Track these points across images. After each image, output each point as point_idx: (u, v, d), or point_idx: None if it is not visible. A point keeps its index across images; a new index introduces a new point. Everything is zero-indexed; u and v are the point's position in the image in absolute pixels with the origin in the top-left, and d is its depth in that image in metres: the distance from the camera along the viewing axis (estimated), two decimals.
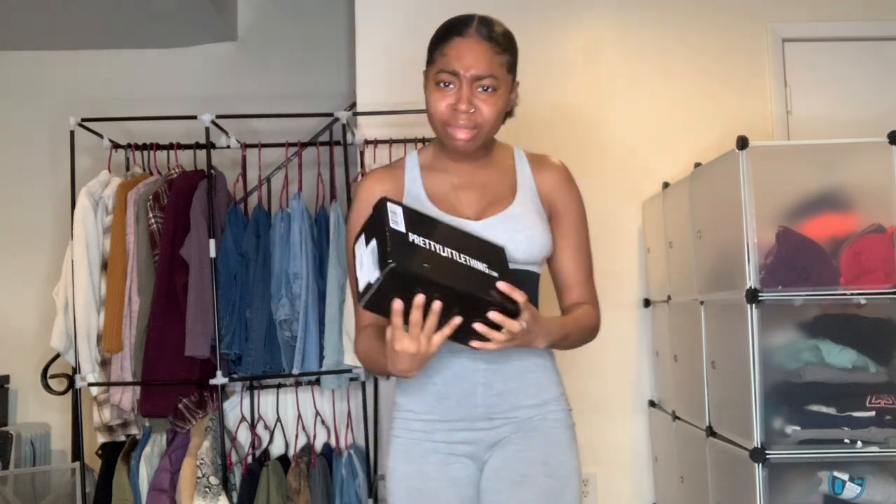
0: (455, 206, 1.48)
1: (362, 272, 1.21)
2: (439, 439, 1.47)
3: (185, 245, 2.88)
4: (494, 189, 1.52)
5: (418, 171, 1.53)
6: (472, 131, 1.43)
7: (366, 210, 1.33)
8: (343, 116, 3.05)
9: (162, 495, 2.81)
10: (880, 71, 3.40)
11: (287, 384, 3.08)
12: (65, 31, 4.13)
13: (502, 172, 1.55)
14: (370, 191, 1.49)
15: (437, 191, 1.50)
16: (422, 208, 1.41)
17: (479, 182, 1.52)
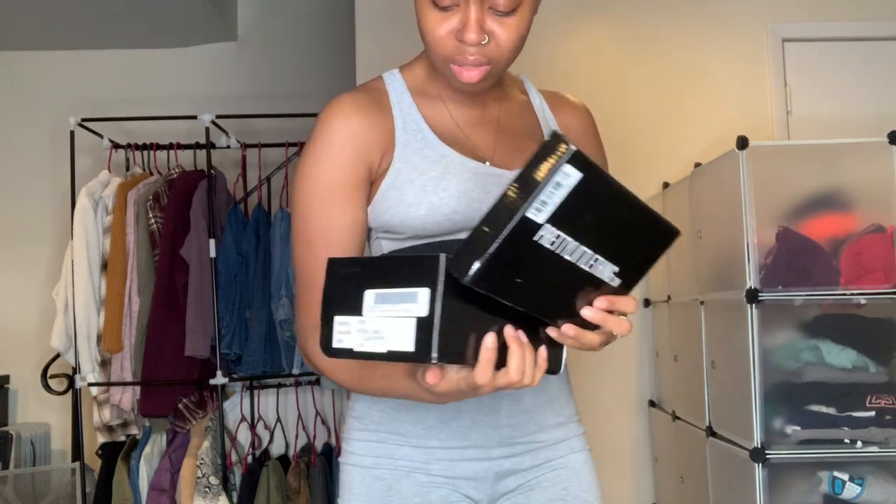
0: (472, 150, 1.09)
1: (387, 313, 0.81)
2: (438, 472, 1.08)
3: (185, 245, 2.88)
4: (513, 128, 1.14)
5: (409, 97, 1.11)
6: (485, 69, 1.01)
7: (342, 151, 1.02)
8: None
9: (162, 495, 2.81)
10: (880, 71, 3.40)
11: (287, 384, 3.08)
12: (65, 31, 4.13)
13: (518, 107, 1.17)
14: (348, 128, 1.04)
15: (441, 126, 1.09)
16: (431, 149, 1.06)
17: (491, 118, 1.13)
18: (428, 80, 1.13)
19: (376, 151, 1.04)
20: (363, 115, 1.05)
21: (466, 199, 1.02)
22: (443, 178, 1.03)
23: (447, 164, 1.04)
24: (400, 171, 1.03)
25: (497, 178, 1.05)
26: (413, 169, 1.03)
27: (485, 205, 0.98)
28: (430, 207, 1.01)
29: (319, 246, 1.03)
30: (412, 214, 1.02)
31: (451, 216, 1.02)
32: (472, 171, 1.05)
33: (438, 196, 1.02)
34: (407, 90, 1.12)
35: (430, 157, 1.04)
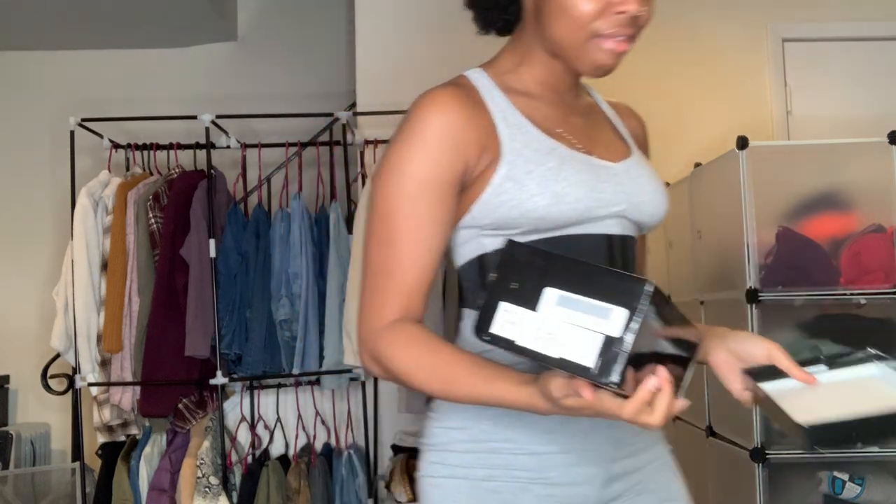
0: (573, 144, 1.06)
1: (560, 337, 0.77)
2: (555, 480, 1.01)
3: (185, 245, 2.88)
4: (595, 125, 1.14)
5: (500, 93, 1.07)
6: (631, 43, 1.02)
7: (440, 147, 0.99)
8: (343, 116, 3.06)
9: (162, 495, 2.81)
10: (880, 71, 3.41)
11: (287, 384, 3.08)
12: (65, 31, 4.13)
13: (591, 108, 1.18)
14: (447, 122, 1.00)
15: (538, 121, 1.05)
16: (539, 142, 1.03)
17: (576, 116, 1.12)
18: (514, 76, 1.10)
19: (475, 148, 1.00)
20: (462, 110, 1.01)
21: (586, 187, 1.01)
22: (561, 169, 1.00)
23: (561, 157, 1.02)
24: (513, 163, 1.00)
25: (607, 171, 1.05)
26: (528, 161, 1.00)
27: (602, 195, 1.02)
28: (554, 196, 0.98)
29: (403, 244, 0.99)
30: (536, 204, 0.98)
31: (575, 205, 1.00)
32: (584, 162, 1.04)
33: (561, 185, 0.99)
34: (496, 86, 1.08)
35: (541, 150, 1.02)
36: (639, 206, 1.07)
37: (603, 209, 1.03)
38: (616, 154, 1.10)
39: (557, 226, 1.00)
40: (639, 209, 1.07)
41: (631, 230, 1.08)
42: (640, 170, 1.10)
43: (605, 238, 1.04)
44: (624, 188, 1.06)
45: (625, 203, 1.05)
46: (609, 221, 1.04)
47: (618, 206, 1.04)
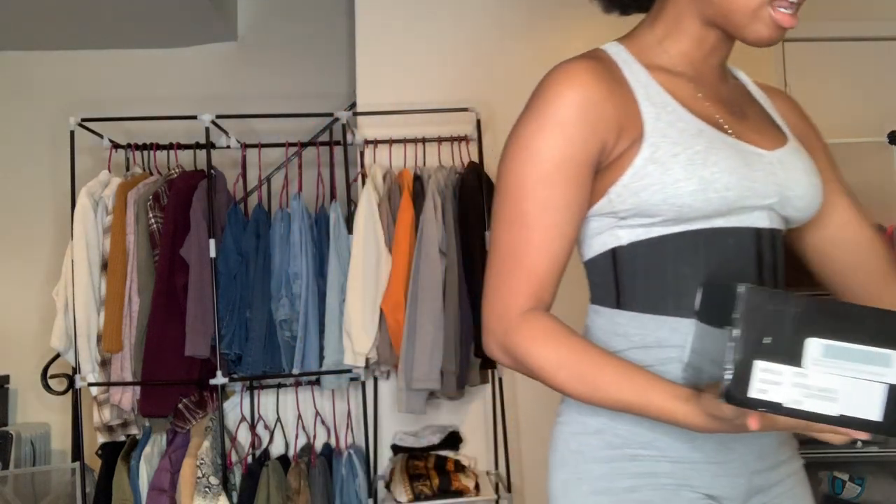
0: (721, 126, 0.98)
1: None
2: (700, 489, 0.95)
3: (185, 245, 2.88)
4: (746, 110, 1.05)
5: (642, 69, 0.99)
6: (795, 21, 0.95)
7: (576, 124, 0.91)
8: (343, 116, 3.06)
9: (162, 495, 2.81)
10: (880, 71, 3.41)
11: (287, 384, 3.08)
12: (65, 31, 4.13)
13: (738, 89, 1.09)
14: (584, 98, 0.92)
15: (684, 100, 0.98)
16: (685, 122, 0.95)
17: (724, 96, 1.03)
18: (657, 51, 1.01)
19: (613, 127, 0.93)
20: (599, 84, 0.93)
21: (737, 175, 0.92)
22: (710, 153, 0.92)
23: (710, 139, 0.93)
24: (658, 145, 0.92)
25: (759, 158, 0.96)
26: (674, 143, 0.92)
27: (754, 183, 0.93)
28: (701, 182, 0.90)
29: (534, 228, 0.92)
30: (681, 190, 0.90)
31: (724, 193, 0.91)
32: (735, 147, 0.95)
33: (710, 170, 0.91)
34: (636, 61, 0.99)
35: (688, 131, 0.93)
36: (791, 199, 0.97)
37: (753, 200, 0.94)
38: (769, 141, 1.00)
39: (703, 216, 0.92)
40: (791, 203, 0.98)
41: (779, 224, 0.99)
42: (795, 160, 1.00)
43: (754, 232, 0.95)
44: (777, 179, 0.96)
45: (776, 195, 0.96)
46: (758, 213, 0.95)
47: (769, 198, 0.95)
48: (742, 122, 1.00)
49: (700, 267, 0.93)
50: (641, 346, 0.95)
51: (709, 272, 0.93)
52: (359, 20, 3.36)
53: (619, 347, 0.89)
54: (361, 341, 2.82)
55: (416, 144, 3.15)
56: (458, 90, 3.30)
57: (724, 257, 0.94)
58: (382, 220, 2.90)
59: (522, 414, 3.24)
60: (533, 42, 3.38)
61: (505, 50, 3.35)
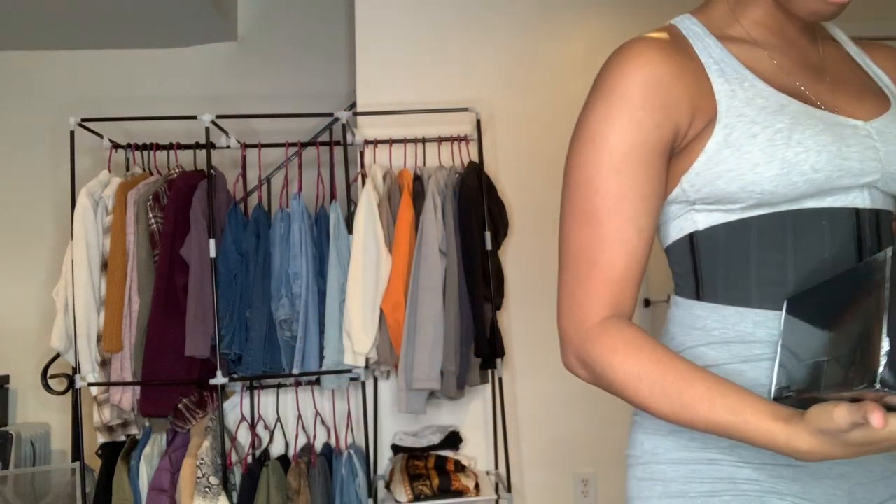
0: (807, 98, 0.89)
1: None
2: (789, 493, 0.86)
3: (185, 245, 2.88)
4: (840, 75, 0.94)
5: (715, 41, 0.91)
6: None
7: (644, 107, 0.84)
8: (343, 116, 3.06)
9: (162, 495, 2.81)
10: None
11: (287, 384, 3.08)
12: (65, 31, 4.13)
13: (833, 51, 0.99)
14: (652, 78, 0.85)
15: (764, 72, 0.90)
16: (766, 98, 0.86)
17: (813, 62, 0.94)
18: (732, 20, 0.93)
19: (686, 108, 0.86)
20: (670, 63, 0.85)
21: (827, 153, 0.82)
22: (794, 131, 0.83)
23: (794, 114, 0.84)
24: (733, 126, 0.84)
25: (854, 130, 0.85)
26: (752, 122, 0.84)
27: (847, 161, 0.83)
28: (783, 164, 0.81)
29: (608, 225, 0.85)
30: (761, 175, 0.82)
31: (811, 175, 0.82)
32: (825, 120, 0.85)
33: (794, 151, 0.82)
34: (710, 34, 0.91)
35: (768, 108, 0.84)
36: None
37: (848, 179, 0.83)
38: (869, 109, 0.89)
39: (788, 199, 0.84)
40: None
41: (885, 204, 0.88)
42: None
43: (852, 213, 0.85)
44: (877, 153, 0.85)
45: (878, 172, 0.85)
46: (856, 192, 0.85)
47: (869, 175, 0.84)
48: (836, 90, 0.91)
49: (788, 252, 0.85)
50: (721, 341, 0.87)
51: (798, 259, 0.85)
52: (359, 20, 3.36)
53: (697, 343, 0.81)
54: (361, 341, 2.82)
55: (416, 144, 3.15)
56: (458, 90, 3.30)
57: (817, 242, 0.85)
58: (382, 220, 2.90)
59: (522, 414, 3.24)
60: (533, 42, 3.38)
61: (505, 50, 3.35)
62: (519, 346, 3.25)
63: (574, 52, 3.37)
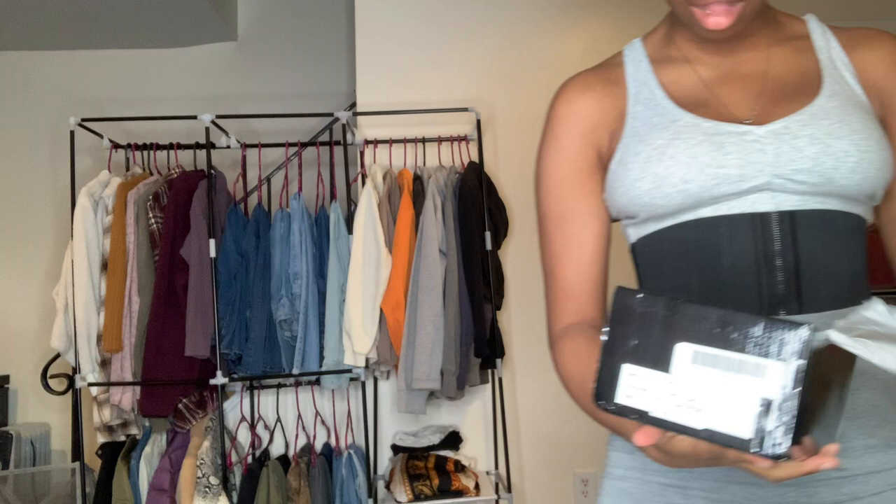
0: (717, 108, 0.92)
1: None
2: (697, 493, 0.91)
3: (185, 245, 2.88)
4: (780, 79, 0.94)
5: (647, 64, 0.98)
6: (737, 9, 0.86)
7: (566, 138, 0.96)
8: (343, 116, 3.06)
9: (162, 495, 2.81)
10: None
11: (287, 384, 3.08)
12: (65, 31, 4.13)
13: (792, 54, 0.96)
14: (572, 111, 0.97)
15: (682, 89, 0.95)
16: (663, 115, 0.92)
17: (751, 70, 0.95)
18: (669, 41, 0.99)
19: (604, 133, 0.96)
20: (588, 95, 0.97)
21: (697, 164, 0.86)
22: (669, 146, 0.89)
23: (678, 130, 0.90)
24: (627, 145, 0.93)
25: (739, 137, 0.87)
26: (640, 140, 0.92)
27: (723, 169, 0.86)
28: (655, 178, 0.88)
29: (555, 244, 0.97)
30: (639, 189, 0.89)
31: (682, 186, 0.86)
32: (708, 132, 0.88)
33: (664, 165, 0.88)
34: (646, 58, 0.99)
35: (659, 125, 0.91)
36: (799, 173, 0.85)
37: (728, 186, 0.86)
38: (781, 108, 0.89)
39: (672, 212, 0.89)
40: (796, 178, 0.85)
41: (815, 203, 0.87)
42: (810, 126, 0.87)
43: (754, 218, 0.86)
44: (764, 156, 0.86)
45: (764, 175, 0.85)
46: (756, 196, 0.86)
47: (752, 180, 0.86)
48: (764, 94, 0.92)
49: (691, 260, 0.90)
50: None
51: (700, 266, 0.89)
52: (359, 20, 3.36)
53: None
54: (361, 341, 2.82)
55: (416, 144, 3.15)
56: (458, 90, 3.30)
57: (714, 249, 0.88)
58: (382, 220, 2.90)
59: (522, 414, 3.24)
60: (533, 42, 3.38)
61: (505, 50, 3.35)
62: (519, 346, 3.25)
63: (574, 52, 3.37)
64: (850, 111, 0.88)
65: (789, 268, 0.87)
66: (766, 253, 0.87)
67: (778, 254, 0.87)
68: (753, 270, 0.87)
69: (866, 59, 0.94)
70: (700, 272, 0.89)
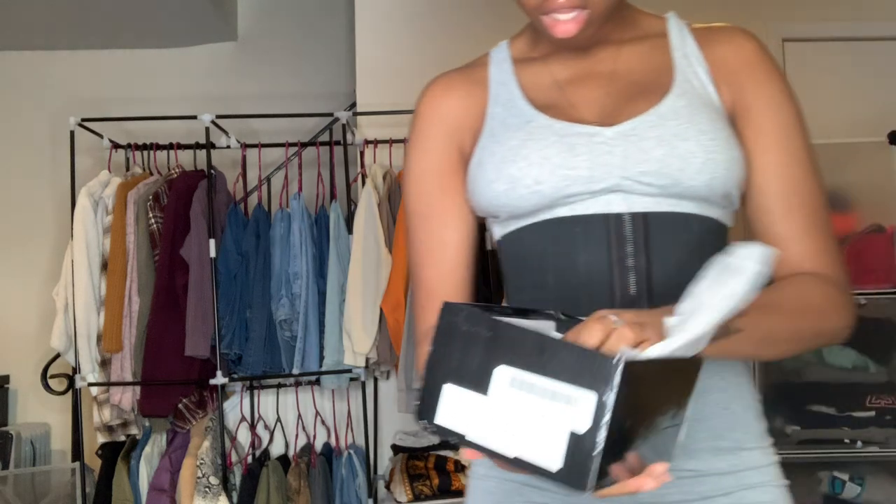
0: (566, 110, 0.91)
1: None
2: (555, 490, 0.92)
3: (185, 245, 2.88)
4: (632, 77, 0.93)
5: (510, 65, 0.98)
6: (582, 17, 0.85)
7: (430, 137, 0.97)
8: (343, 116, 3.06)
9: (162, 495, 2.81)
10: (880, 71, 3.41)
11: (287, 384, 3.08)
12: (65, 31, 4.13)
13: (647, 53, 0.95)
14: (435, 110, 0.98)
15: (538, 90, 0.95)
16: (518, 116, 0.93)
17: (604, 70, 0.94)
18: (532, 43, 0.99)
19: (467, 133, 0.96)
20: (452, 95, 0.98)
21: (549, 165, 0.87)
22: (523, 147, 0.89)
23: (531, 130, 0.90)
24: (485, 146, 0.93)
25: (589, 139, 0.87)
26: (496, 142, 0.92)
27: (574, 171, 0.86)
28: (510, 180, 0.88)
29: (419, 244, 0.97)
30: (495, 191, 0.89)
31: (535, 188, 0.87)
32: (560, 133, 0.89)
33: (518, 166, 0.88)
34: (510, 59, 0.99)
35: (514, 126, 0.92)
36: (646, 175, 0.85)
37: (579, 186, 0.86)
38: (630, 109, 0.90)
39: (529, 212, 0.89)
40: (643, 180, 0.85)
41: (669, 206, 0.86)
42: (657, 128, 0.87)
43: (604, 219, 0.86)
44: (612, 158, 0.86)
45: (614, 177, 0.86)
46: (610, 197, 0.86)
47: (601, 181, 0.86)
48: (616, 95, 0.92)
49: (548, 259, 0.89)
50: None
51: (556, 265, 0.89)
52: (359, 20, 3.36)
53: None
54: (361, 341, 2.82)
55: None
56: None
57: (569, 248, 0.88)
58: (382, 220, 2.90)
59: None
60: None
61: None
62: None
63: None
64: (699, 111, 0.88)
65: (641, 269, 0.86)
66: (619, 254, 0.86)
67: (630, 255, 0.86)
68: (607, 271, 0.86)
69: (720, 55, 0.93)
70: (556, 271, 0.89)
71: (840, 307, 0.84)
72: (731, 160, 0.86)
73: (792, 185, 0.88)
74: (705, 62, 0.93)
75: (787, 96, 0.91)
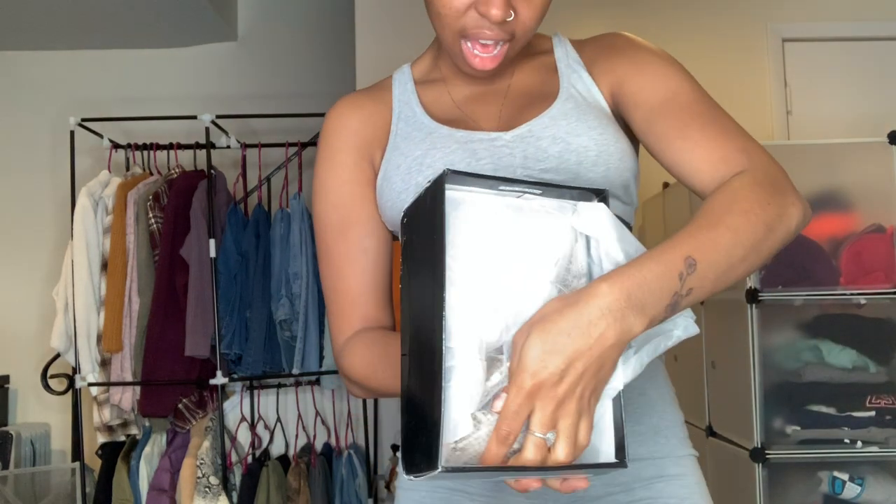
0: (466, 122, 0.98)
1: None
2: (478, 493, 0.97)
3: (185, 245, 2.88)
4: (525, 90, 1.00)
5: (412, 86, 1.04)
6: (501, 52, 0.90)
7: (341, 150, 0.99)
8: None
9: (162, 495, 2.81)
10: (880, 71, 3.41)
11: (287, 384, 3.08)
12: (65, 31, 4.13)
13: (536, 68, 1.02)
14: (344, 127, 1.00)
15: (438, 108, 1.01)
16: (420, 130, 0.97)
17: (498, 88, 1.01)
18: (433, 66, 1.06)
19: (376, 149, 0.99)
20: (359, 113, 1.01)
21: None
22: (427, 156, 0.93)
23: (433, 140, 0.94)
24: (389, 160, 0.96)
25: (490, 143, 0.92)
26: (400, 154, 0.95)
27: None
28: (417, 189, 0.88)
29: (336, 255, 0.98)
30: (403, 201, 0.90)
31: None
32: (459, 140, 0.94)
33: (424, 175, 0.92)
34: (412, 80, 1.05)
35: (416, 138, 0.96)
36: (546, 172, 0.89)
37: None
38: (525, 116, 0.95)
39: None
40: (548, 176, 0.89)
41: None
42: (552, 128, 0.92)
43: None
44: (515, 159, 0.91)
45: (519, 176, 0.90)
46: None
47: None
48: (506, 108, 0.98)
49: None
50: None
51: None
52: (359, 20, 3.36)
53: None
54: None
55: None
56: None
57: None
58: None
59: None
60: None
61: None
62: None
63: None
64: (586, 111, 0.94)
65: None
66: None
67: None
68: None
69: (594, 54, 1.00)
70: None
71: (775, 192, 0.78)
72: (622, 151, 0.91)
73: (679, 102, 0.89)
74: (584, 66, 0.99)
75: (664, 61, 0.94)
